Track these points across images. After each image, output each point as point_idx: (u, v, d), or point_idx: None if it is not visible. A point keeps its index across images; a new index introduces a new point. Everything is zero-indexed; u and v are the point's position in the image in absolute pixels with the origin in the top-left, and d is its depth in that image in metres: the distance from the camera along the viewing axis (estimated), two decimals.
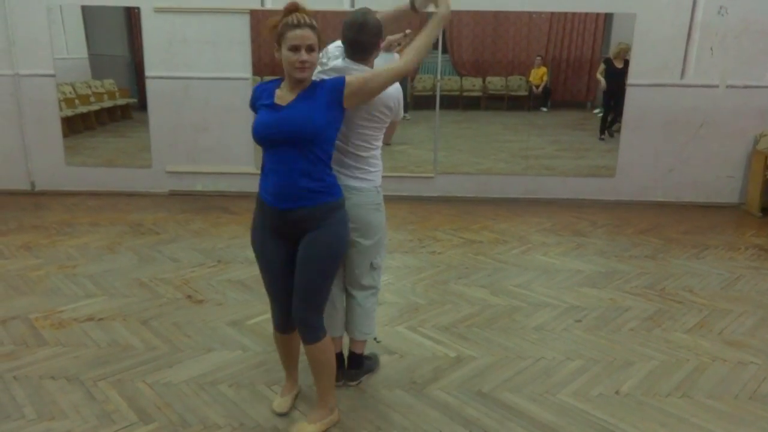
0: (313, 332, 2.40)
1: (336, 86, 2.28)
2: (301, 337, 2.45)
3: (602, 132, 7.15)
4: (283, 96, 2.30)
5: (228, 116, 6.15)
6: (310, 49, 2.19)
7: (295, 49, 2.18)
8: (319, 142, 2.25)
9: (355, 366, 2.90)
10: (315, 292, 2.36)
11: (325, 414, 2.56)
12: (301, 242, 2.33)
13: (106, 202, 6.08)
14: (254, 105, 2.39)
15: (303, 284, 2.34)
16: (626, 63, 6.19)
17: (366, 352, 2.95)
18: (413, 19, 2.61)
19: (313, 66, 2.26)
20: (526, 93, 7.87)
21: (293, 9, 2.22)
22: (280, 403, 2.70)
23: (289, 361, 2.70)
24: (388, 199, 2.81)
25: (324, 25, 2.41)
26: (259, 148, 2.35)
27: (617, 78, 6.42)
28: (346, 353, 2.94)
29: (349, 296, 2.81)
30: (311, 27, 2.19)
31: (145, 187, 6.37)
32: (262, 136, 2.28)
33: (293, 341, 2.60)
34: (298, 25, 2.17)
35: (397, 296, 3.94)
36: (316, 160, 2.26)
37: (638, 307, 3.84)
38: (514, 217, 5.74)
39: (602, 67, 6.96)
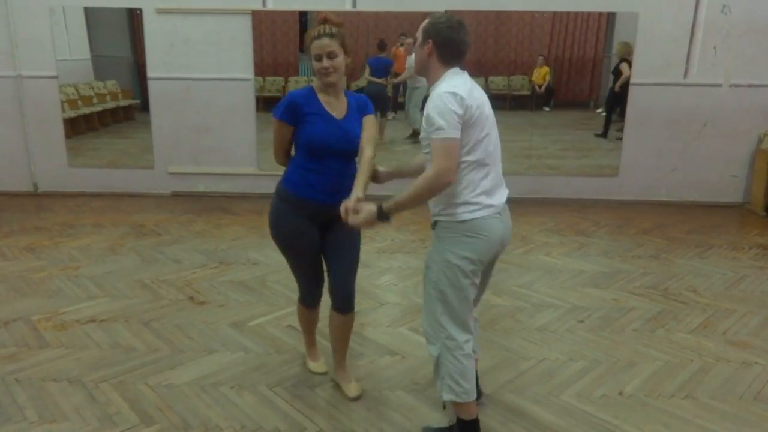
0: (352, 302, 2.72)
1: (364, 110, 2.61)
2: (342, 309, 2.71)
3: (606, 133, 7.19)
4: (332, 103, 2.54)
5: (230, 117, 6.15)
6: (331, 55, 2.43)
7: (317, 57, 2.44)
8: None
9: None
10: (356, 266, 2.72)
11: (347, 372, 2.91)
12: (335, 228, 2.59)
13: (108, 203, 6.09)
14: (297, 115, 2.50)
15: (349, 261, 2.68)
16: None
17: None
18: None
19: (336, 70, 2.46)
20: (528, 93, 7.85)
21: (322, 20, 2.48)
22: (319, 365, 3.02)
23: (314, 331, 3.03)
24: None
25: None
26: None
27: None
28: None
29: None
30: (330, 36, 2.42)
31: (147, 188, 6.37)
32: (324, 146, 2.50)
33: (317, 314, 2.95)
34: (318, 36, 2.43)
35: (399, 297, 3.93)
36: (353, 162, 2.59)
37: (642, 307, 3.82)
38: (517, 217, 5.67)
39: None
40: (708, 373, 3.06)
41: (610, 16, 7.22)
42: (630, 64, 6.16)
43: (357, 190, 2.35)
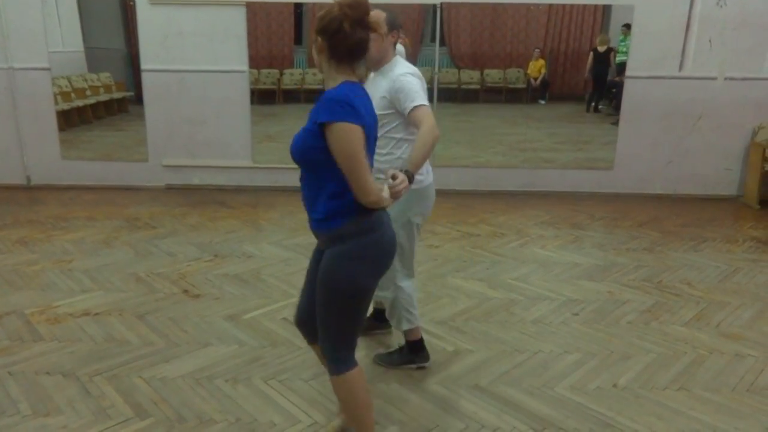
0: (329, 363, 2.14)
1: (313, 117, 1.91)
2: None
3: (589, 109, 7.59)
4: None
5: (225, 109, 6.12)
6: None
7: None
8: (309, 167, 1.98)
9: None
10: (322, 321, 2.09)
11: None
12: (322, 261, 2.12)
13: (102, 196, 6.06)
14: None
15: (316, 309, 2.11)
16: (608, 49, 7.20)
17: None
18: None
19: (319, 67, 2.02)
20: (524, 86, 7.86)
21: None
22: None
23: None
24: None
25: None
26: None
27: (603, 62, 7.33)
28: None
29: None
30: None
31: (141, 181, 6.35)
32: None
33: (316, 348, 2.33)
34: None
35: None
36: (315, 186, 2.00)
37: (636, 299, 3.84)
38: (512, 210, 5.73)
39: (592, 55, 7.26)
40: (701, 365, 3.07)
41: (606, 9, 7.22)
42: (594, 52, 7.19)
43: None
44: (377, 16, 2.57)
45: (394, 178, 1.99)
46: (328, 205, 1.99)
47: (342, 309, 2.06)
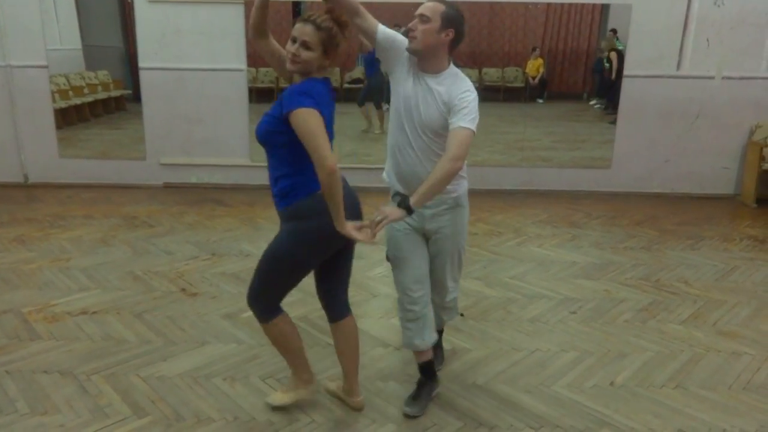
0: (255, 314, 2.51)
1: (283, 107, 2.16)
2: None
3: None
4: None
5: (223, 108, 6.11)
6: (304, 45, 2.19)
7: (292, 39, 2.23)
8: (270, 147, 2.31)
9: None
10: (255, 277, 2.46)
11: (292, 385, 2.65)
12: None
13: (99, 194, 6.05)
14: None
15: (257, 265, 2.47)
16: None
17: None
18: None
19: (303, 63, 2.19)
20: (522, 84, 7.85)
21: (327, 10, 2.27)
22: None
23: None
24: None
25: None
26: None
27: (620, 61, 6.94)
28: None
29: None
30: (317, 26, 2.19)
31: (139, 179, 6.34)
32: None
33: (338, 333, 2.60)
34: (304, 21, 2.22)
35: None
36: (275, 166, 2.34)
37: (633, 298, 3.84)
38: (510, 209, 5.73)
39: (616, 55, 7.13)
40: (698, 363, 3.08)
41: (604, 8, 7.22)
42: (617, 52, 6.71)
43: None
44: (434, 8, 2.31)
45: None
46: (286, 183, 2.31)
47: (280, 275, 2.40)
